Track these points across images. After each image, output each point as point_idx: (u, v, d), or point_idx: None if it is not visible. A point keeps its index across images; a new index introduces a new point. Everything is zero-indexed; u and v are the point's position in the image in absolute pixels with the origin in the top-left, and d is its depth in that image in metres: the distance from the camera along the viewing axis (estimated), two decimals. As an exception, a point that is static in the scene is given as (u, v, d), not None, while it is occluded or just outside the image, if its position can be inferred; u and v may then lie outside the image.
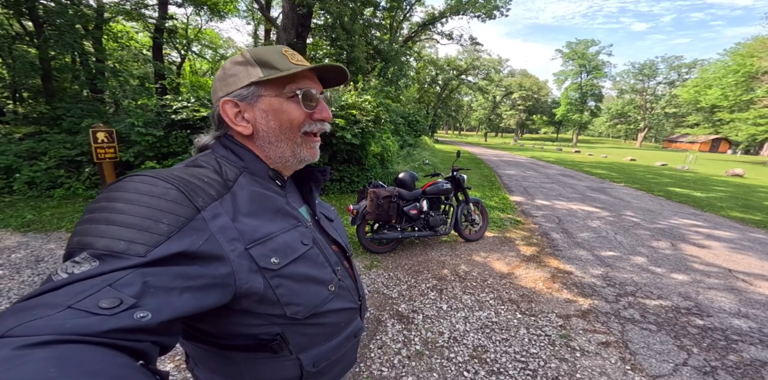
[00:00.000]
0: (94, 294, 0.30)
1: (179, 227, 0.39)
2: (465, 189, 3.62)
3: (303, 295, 0.51)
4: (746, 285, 2.86)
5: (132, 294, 0.32)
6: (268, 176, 0.55)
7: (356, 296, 0.65)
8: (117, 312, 0.30)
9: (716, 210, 6.03)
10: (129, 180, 0.41)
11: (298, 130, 0.54)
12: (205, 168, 0.49)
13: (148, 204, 0.39)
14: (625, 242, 3.90)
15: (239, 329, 0.49)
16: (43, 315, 0.28)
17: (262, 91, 0.52)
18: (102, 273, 0.32)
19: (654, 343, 1.98)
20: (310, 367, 0.55)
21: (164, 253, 0.36)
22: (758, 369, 1.77)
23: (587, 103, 42.50)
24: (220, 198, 0.46)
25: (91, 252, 0.34)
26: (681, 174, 12.77)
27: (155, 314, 0.32)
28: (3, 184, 4.69)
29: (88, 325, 0.28)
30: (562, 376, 1.70)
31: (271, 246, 0.48)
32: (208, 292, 0.40)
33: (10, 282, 2.37)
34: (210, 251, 0.41)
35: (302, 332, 0.53)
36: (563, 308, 2.39)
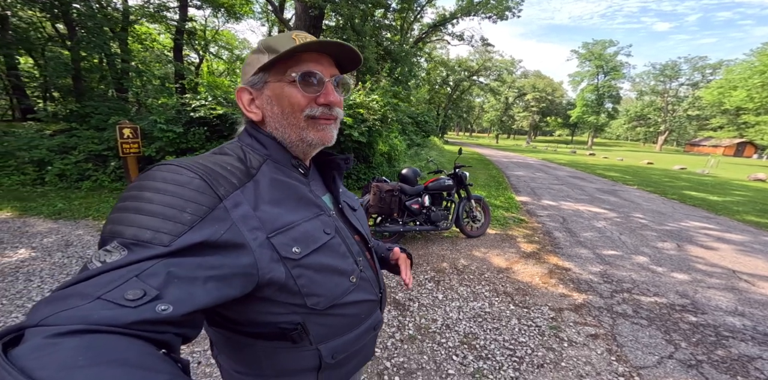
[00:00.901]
0: (121, 285, 0.32)
1: (202, 216, 0.39)
2: (467, 186, 3.70)
3: (324, 286, 0.51)
4: (748, 286, 2.83)
5: (156, 285, 0.33)
6: (291, 164, 0.55)
7: (377, 288, 0.64)
8: (140, 305, 0.31)
9: (731, 214, 5.87)
10: (157, 169, 0.43)
11: (300, 113, 0.53)
12: (230, 155, 0.50)
13: (173, 192, 0.40)
14: (629, 242, 3.88)
15: (261, 317, 0.49)
16: (74, 305, 0.29)
17: (268, 77, 0.52)
18: (130, 262, 0.34)
19: (642, 337, 2.02)
20: (328, 358, 0.55)
21: (187, 243, 0.37)
22: (745, 364, 1.80)
23: (604, 104, 41.41)
24: (242, 186, 0.46)
25: (120, 240, 0.36)
26: (699, 178, 12.36)
27: (177, 306, 0.33)
28: (36, 175, 5.05)
29: (114, 317, 0.29)
30: (548, 364, 1.77)
31: (292, 235, 0.48)
32: (231, 282, 0.40)
33: (42, 263, 2.61)
34: (232, 240, 0.41)
35: (322, 323, 0.53)
36: (557, 302, 2.45)
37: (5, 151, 5.22)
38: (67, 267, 2.58)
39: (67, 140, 5.64)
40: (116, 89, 8.59)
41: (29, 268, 2.49)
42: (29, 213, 3.75)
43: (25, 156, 5.16)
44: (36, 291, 2.20)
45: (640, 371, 1.71)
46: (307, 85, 0.52)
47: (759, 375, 1.70)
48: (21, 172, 5.03)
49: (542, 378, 1.66)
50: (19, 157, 5.16)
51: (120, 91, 8.54)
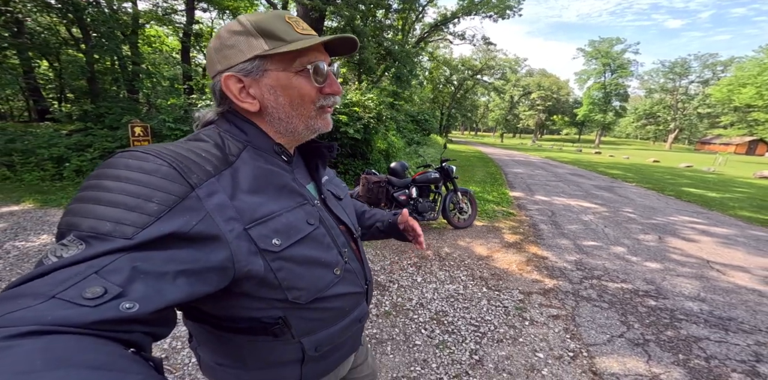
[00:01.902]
0: (79, 282, 0.29)
1: (170, 206, 0.37)
2: (453, 178, 3.89)
3: (306, 279, 0.49)
4: (718, 275, 2.96)
5: (119, 282, 0.30)
6: (273, 151, 0.52)
7: (363, 280, 0.63)
8: (100, 303, 0.29)
9: (724, 210, 5.91)
10: (120, 156, 0.39)
11: (311, 104, 0.52)
12: (206, 142, 0.47)
13: (137, 181, 0.37)
14: (611, 234, 4.02)
15: (240, 312, 0.47)
16: (26, 305, 0.27)
17: (268, 65, 0.48)
18: (88, 257, 0.31)
19: (599, 318, 2.18)
20: (312, 351, 0.54)
21: (154, 235, 0.34)
22: (690, 343, 1.94)
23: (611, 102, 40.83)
24: (218, 174, 0.43)
25: (77, 234, 0.33)
26: (703, 175, 12.24)
27: (143, 303, 0.31)
28: (55, 171, 5.41)
29: (72, 317, 0.27)
30: (507, 339, 1.94)
31: (272, 226, 0.45)
32: (204, 277, 0.38)
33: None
34: (205, 232, 0.39)
35: (305, 316, 0.51)
36: (528, 286, 2.63)
37: (26, 148, 5.60)
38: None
39: (83, 138, 6.00)
40: (128, 90, 9.00)
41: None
42: (49, 204, 4.08)
43: (44, 153, 5.52)
44: (56, 270, 2.47)
45: (590, 348, 1.87)
46: (317, 76, 0.51)
47: (700, 353, 1.84)
48: (41, 168, 5.40)
49: (499, 351, 1.84)
50: (39, 154, 5.52)
51: (132, 92, 8.95)
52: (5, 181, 5.06)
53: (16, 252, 2.74)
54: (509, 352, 1.83)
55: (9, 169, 5.27)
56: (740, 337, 2.00)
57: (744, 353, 1.85)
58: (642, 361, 1.75)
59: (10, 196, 4.31)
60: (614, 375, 1.65)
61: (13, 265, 2.51)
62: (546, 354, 1.81)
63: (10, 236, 3.06)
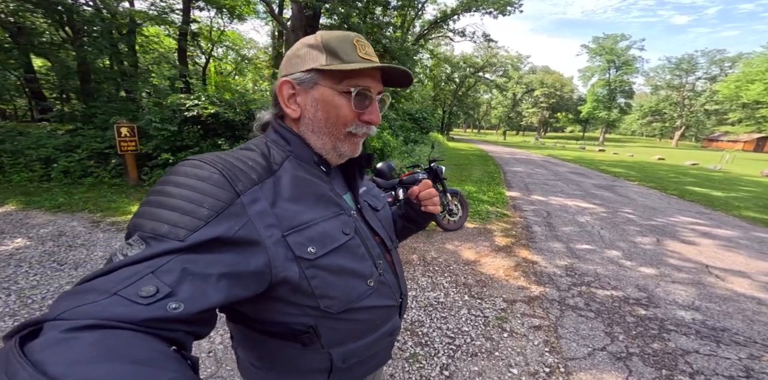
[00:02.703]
0: (137, 281, 0.32)
1: (218, 212, 0.39)
2: (442, 179, 3.76)
3: (338, 288, 0.50)
4: (716, 281, 2.80)
5: (169, 283, 0.33)
6: (313, 161, 0.54)
7: (397, 293, 0.62)
8: (152, 302, 0.31)
9: (729, 210, 5.71)
10: (182, 164, 0.43)
11: (343, 127, 0.53)
12: (254, 151, 0.50)
13: (193, 187, 0.40)
14: (607, 236, 3.87)
15: (273, 316, 0.49)
16: (92, 300, 0.30)
17: (320, 80, 0.51)
18: (147, 257, 0.34)
19: (583, 329, 2.05)
20: (339, 363, 0.54)
21: (202, 238, 0.37)
22: (676, 357, 1.80)
23: (616, 99, 40.20)
24: (262, 182, 0.45)
25: (140, 234, 0.37)
26: (709, 174, 11.94)
27: (188, 304, 0.34)
28: (43, 172, 5.37)
29: (128, 313, 0.30)
30: (482, 353, 1.83)
31: (308, 235, 0.47)
32: (244, 280, 0.40)
33: (34, 251, 2.83)
34: (246, 237, 0.41)
35: (335, 327, 0.52)
36: (513, 294, 2.50)
37: (15, 149, 5.57)
38: (56, 254, 2.79)
39: (72, 139, 5.95)
40: (126, 90, 8.96)
41: (21, 255, 2.71)
42: (32, 206, 4.02)
43: (32, 154, 5.48)
44: (23, 276, 2.40)
45: (568, 362, 1.75)
46: (359, 101, 0.52)
47: (685, 369, 1.71)
48: (29, 169, 5.36)
49: (472, 366, 1.72)
50: (27, 154, 5.48)
51: (130, 92, 8.91)
52: (-8, 182, 5.03)
53: (-13, 256, 2.67)
54: (482, 367, 1.71)
55: (-3, 170, 5.24)
56: (732, 350, 1.87)
57: (734, 368, 1.72)
58: (621, 378, 1.63)
59: (-6, 198, 4.27)
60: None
61: (-21, 271, 2.44)
62: (521, 369, 1.69)
63: (-15, 240, 3.00)
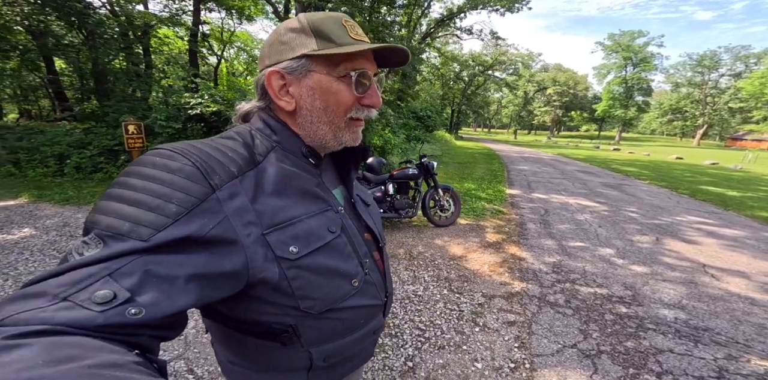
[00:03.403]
0: (92, 285, 0.30)
1: (189, 208, 0.36)
2: (433, 175, 3.75)
3: (321, 289, 0.47)
4: (710, 280, 2.69)
5: (129, 286, 0.31)
6: (301, 153, 0.51)
7: (383, 292, 0.60)
8: (107, 309, 0.29)
9: (741, 210, 5.45)
10: (149, 153, 0.39)
11: (344, 114, 0.50)
12: (236, 140, 0.46)
13: (161, 180, 0.36)
14: (603, 235, 3.76)
15: (251, 315, 0.47)
16: (37, 306, 0.27)
17: (313, 66, 0.47)
18: (104, 258, 0.31)
19: (558, 326, 2.00)
20: (319, 361, 0.53)
21: (169, 237, 0.34)
22: (648, 356, 1.74)
23: (633, 97, 38.82)
24: (242, 175, 0.42)
25: (97, 232, 0.33)
26: (728, 173, 11.40)
27: (151, 309, 0.31)
28: (57, 168, 5.65)
29: (80, 319, 0.28)
30: (450, 346, 1.81)
31: (291, 233, 0.44)
32: (217, 282, 0.37)
33: (37, 240, 2.99)
34: (222, 235, 0.38)
35: (316, 326, 0.50)
36: (494, 289, 2.48)
37: (31, 146, 5.88)
38: (57, 243, 2.94)
39: (84, 137, 6.24)
40: (140, 90, 9.31)
41: (25, 244, 2.88)
42: (43, 199, 4.24)
43: (47, 150, 5.78)
44: (23, 263, 2.55)
45: (535, 359, 1.72)
46: (359, 85, 0.48)
47: (654, 368, 1.65)
48: (44, 164, 5.65)
49: (437, 358, 1.71)
50: (42, 151, 5.78)
51: (143, 91, 9.25)
52: (10, 176, 5.33)
53: (-6, 244, 2.85)
54: (447, 360, 1.71)
55: (15, 165, 5.55)
56: (710, 350, 1.80)
57: (706, 368, 1.65)
58: (585, 376, 1.59)
59: (10, 191, 4.52)
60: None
61: (-14, 257, 2.60)
62: (485, 364, 1.68)
63: (-5, 229, 3.20)
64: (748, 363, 1.70)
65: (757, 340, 1.91)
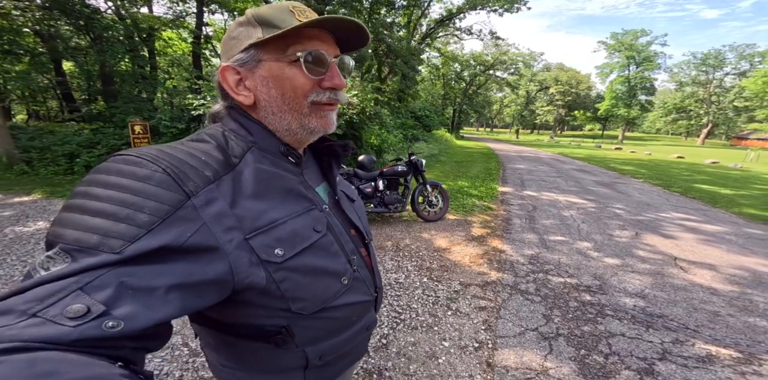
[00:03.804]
0: (62, 299, 0.28)
1: (162, 217, 0.34)
2: (422, 171, 3.94)
3: (311, 290, 0.47)
4: (678, 272, 2.85)
5: (103, 300, 0.29)
6: (279, 152, 0.49)
7: (372, 288, 0.60)
8: (81, 323, 0.27)
9: (729, 207, 5.56)
10: (113, 160, 0.37)
11: (303, 99, 0.47)
12: (208, 143, 0.44)
13: (128, 189, 0.34)
14: (585, 229, 3.92)
15: (242, 319, 0.46)
16: (4, 324, 0.26)
17: (262, 55, 0.46)
18: (73, 272, 0.29)
19: (524, 311, 2.17)
20: (315, 360, 0.53)
21: (144, 249, 0.32)
22: (600, 339, 1.88)
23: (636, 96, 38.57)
24: (218, 179, 0.40)
25: (62, 246, 0.31)
26: (726, 172, 11.42)
27: (130, 322, 0.30)
28: (67, 166, 5.93)
29: (54, 335, 0.26)
30: (422, 327, 1.99)
31: (276, 235, 0.43)
32: (200, 290, 0.36)
33: (52, 232, 3.24)
34: (201, 243, 0.36)
35: (309, 326, 0.50)
36: (471, 278, 2.65)
37: (43, 146, 6.16)
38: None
39: (93, 137, 6.51)
40: (147, 91, 9.61)
41: (41, 235, 3.12)
42: (55, 195, 4.50)
43: (58, 150, 6.05)
44: (39, 251, 2.78)
45: (498, 340, 1.88)
46: (314, 66, 0.46)
47: (603, 350, 1.79)
48: (55, 163, 5.93)
49: (409, 337, 1.89)
50: (54, 151, 6.06)
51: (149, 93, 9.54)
52: (23, 175, 5.61)
53: (12, 235, 3.09)
54: (418, 339, 1.89)
55: (27, 164, 5.83)
56: (659, 335, 1.95)
57: (651, 350, 1.80)
58: (540, 355, 1.75)
59: (24, 188, 4.80)
60: (506, 367, 1.67)
61: (6, 246, 2.84)
62: (452, 343, 1.86)
63: (13, 222, 3.45)
64: (692, 346, 1.85)
65: (707, 326, 2.06)
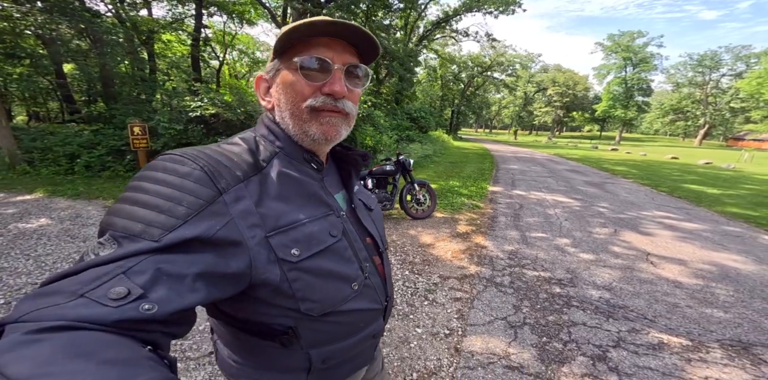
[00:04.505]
0: (107, 282, 0.31)
1: (198, 210, 0.38)
2: (410, 171, 4.10)
3: (321, 292, 0.49)
4: (647, 266, 3.00)
5: (141, 284, 0.32)
6: (303, 158, 0.53)
7: (383, 296, 0.61)
8: (123, 304, 0.30)
9: (713, 206, 5.72)
10: (161, 158, 0.42)
11: (301, 103, 0.49)
12: (240, 146, 0.48)
13: (171, 184, 0.38)
14: (566, 227, 4.07)
15: (253, 316, 0.48)
16: (56, 302, 0.29)
17: (280, 64, 0.51)
18: (118, 258, 0.33)
19: (496, 302, 2.30)
20: (318, 363, 0.54)
21: (179, 238, 0.36)
22: (562, 328, 2.01)
23: (634, 97, 38.81)
24: (247, 179, 0.44)
25: (112, 233, 0.36)
26: (717, 172, 11.58)
27: (162, 305, 0.33)
28: (68, 166, 6.07)
29: (97, 315, 0.29)
30: (399, 315, 2.13)
31: (293, 236, 0.46)
32: (222, 281, 0.39)
33: (53, 228, 3.38)
34: (228, 237, 0.40)
35: (315, 328, 0.51)
36: (451, 272, 2.80)
37: (45, 147, 6.31)
38: (71, 231, 3.33)
39: (93, 137, 6.66)
40: (146, 93, 9.79)
41: (42, 231, 3.27)
42: (56, 194, 4.65)
43: (59, 150, 6.20)
44: (41, 246, 2.93)
45: (468, 327, 2.01)
46: (310, 71, 0.48)
47: (564, 337, 1.92)
48: (56, 163, 6.08)
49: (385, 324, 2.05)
50: (55, 151, 6.21)
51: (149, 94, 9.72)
52: (25, 175, 5.77)
53: (16, 231, 3.24)
54: (393, 326, 2.03)
55: (29, 164, 5.98)
56: (617, 324, 2.08)
57: (608, 339, 1.93)
58: (505, 342, 1.88)
59: (26, 188, 4.95)
60: (472, 352, 1.79)
61: (10, 241, 2.99)
62: (425, 330, 2.00)
63: (16, 219, 3.60)
64: (646, 335, 1.99)
65: (664, 317, 2.20)
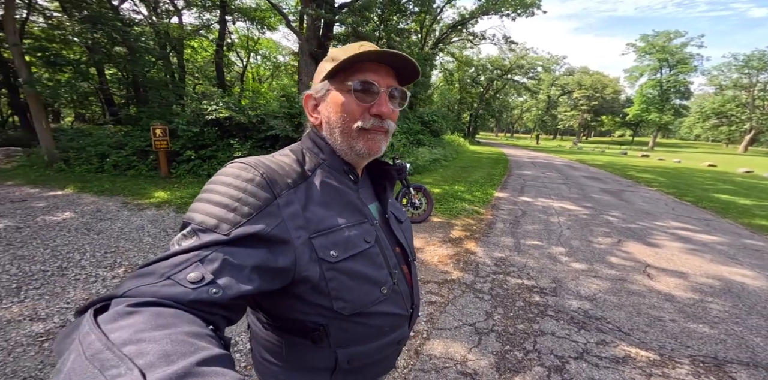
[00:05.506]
0: (187, 267, 0.39)
1: (258, 211, 0.45)
2: (406, 176, 4.13)
3: (353, 292, 0.53)
4: (641, 278, 2.85)
5: (212, 271, 0.39)
6: (342, 170, 0.59)
7: (409, 303, 0.65)
8: (197, 287, 0.37)
9: (739, 217, 5.29)
10: (230, 165, 0.49)
11: (352, 122, 0.55)
12: (289, 157, 0.55)
13: (238, 187, 0.46)
14: (566, 235, 3.94)
15: (290, 313, 0.53)
16: (150, 282, 0.37)
17: (330, 86, 0.56)
18: (196, 247, 0.40)
19: (469, 308, 2.28)
20: (344, 363, 0.57)
21: (243, 233, 0.42)
22: (528, 337, 1.98)
23: (670, 100, 36.25)
24: (296, 187, 0.50)
25: (193, 226, 0.43)
26: (756, 182, 10.63)
27: (225, 291, 0.39)
28: (98, 165, 6.63)
29: (178, 294, 0.36)
30: None
31: (333, 239, 0.51)
32: (271, 274, 0.45)
33: (75, 221, 3.73)
34: (279, 235, 0.46)
35: (345, 328, 0.55)
36: (432, 276, 2.81)
37: (80, 147, 6.93)
38: (89, 224, 3.65)
39: (122, 139, 7.23)
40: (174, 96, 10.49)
41: (65, 223, 3.61)
42: (84, 190, 5.11)
43: (92, 150, 6.79)
44: (60, 237, 3.24)
45: (434, 331, 2.00)
46: (362, 94, 0.54)
47: (527, 347, 1.89)
48: (89, 162, 6.66)
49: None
50: (88, 151, 6.80)
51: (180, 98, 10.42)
52: (60, 172, 6.36)
53: (42, 223, 3.61)
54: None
55: (65, 163, 6.59)
56: (588, 336, 2.01)
57: (572, 350, 1.87)
58: (466, 348, 1.86)
59: (59, 184, 5.47)
60: (431, 355, 1.79)
61: (35, 232, 3.34)
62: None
63: (45, 212, 4.00)
64: (614, 348, 1.91)
65: (641, 330, 2.10)
